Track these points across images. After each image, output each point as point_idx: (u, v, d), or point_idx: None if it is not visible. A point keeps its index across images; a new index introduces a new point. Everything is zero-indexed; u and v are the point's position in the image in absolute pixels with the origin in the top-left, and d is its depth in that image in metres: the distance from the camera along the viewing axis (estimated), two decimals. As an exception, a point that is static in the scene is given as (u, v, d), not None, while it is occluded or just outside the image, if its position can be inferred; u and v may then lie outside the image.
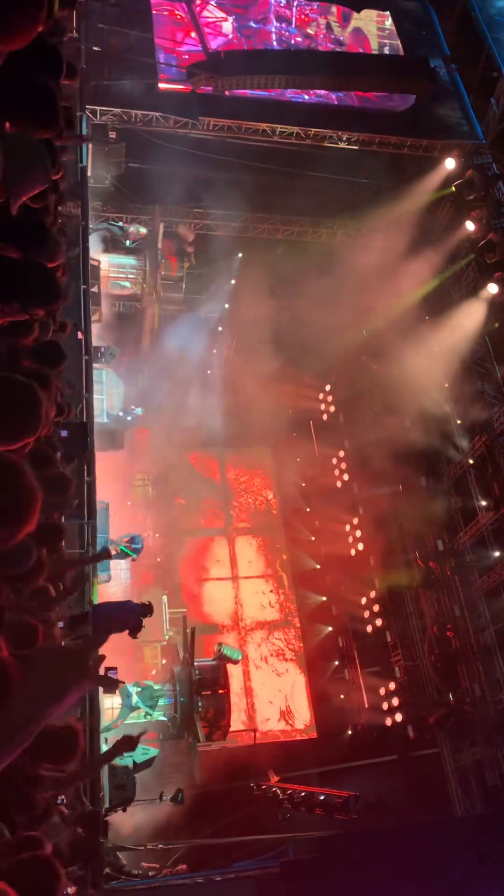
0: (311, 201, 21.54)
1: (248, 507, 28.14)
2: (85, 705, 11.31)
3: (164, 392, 25.87)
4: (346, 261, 21.40)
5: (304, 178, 20.34)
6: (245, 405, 25.87)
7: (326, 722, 23.83)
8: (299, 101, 20.12)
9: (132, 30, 19.11)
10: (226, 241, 22.49)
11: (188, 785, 16.92)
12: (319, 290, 22.37)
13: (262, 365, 25.21)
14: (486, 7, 21.07)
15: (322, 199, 21.46)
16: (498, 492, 20.58)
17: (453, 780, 22.16)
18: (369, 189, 21.01)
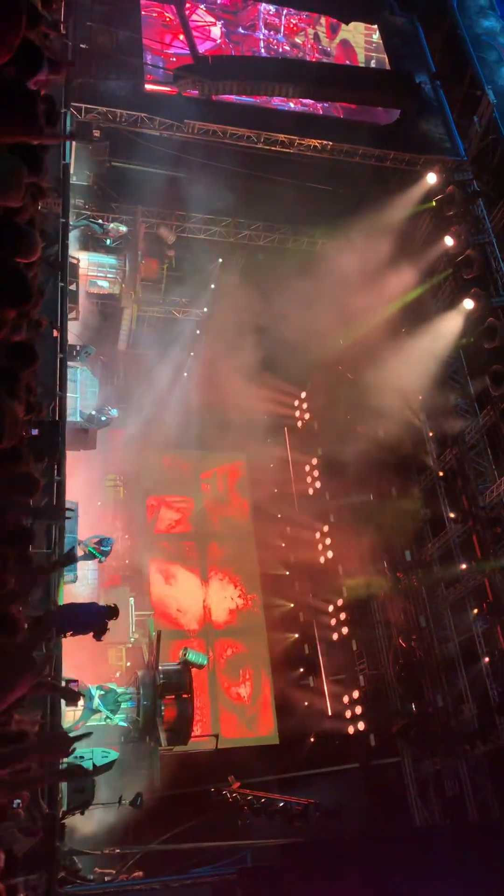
0: (293, 209, 21.60)
1: (220, 512, 28.10)
2: (46, 707, 11.20)
3: (140, 393, 25.77)
4: (325, 269, 21.47)
5: (287, 186, 20.36)
6: (220, 409, 25.86)
7: (289, 729, 23.84)
8: (285, 109, 20.22)
9: (120, 29, 19.07)
10: (207, 244, 22.46)
11: (148, 789, 16.85)
12: (298, 297, 22.45)
13: (239, 370, 25.23)
14: (473, 26, 21.37)
15: (304, 208, 21.52)
16: (466, 504, 20.79)
17: (413, 789, 22.32)
18: (352, 199, 21.12)
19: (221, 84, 18.75)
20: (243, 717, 24.37)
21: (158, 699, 16.91)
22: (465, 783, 20.49)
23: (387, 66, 22.15)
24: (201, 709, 22.37)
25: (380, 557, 24.24)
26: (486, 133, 20.04)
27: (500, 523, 19.82)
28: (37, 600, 11.41)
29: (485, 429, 20.73)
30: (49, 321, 13.31)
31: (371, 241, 20.97)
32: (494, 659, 19.68)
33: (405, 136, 20.65)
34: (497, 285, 19.17)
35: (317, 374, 26.80)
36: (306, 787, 20.62)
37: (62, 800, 12.30)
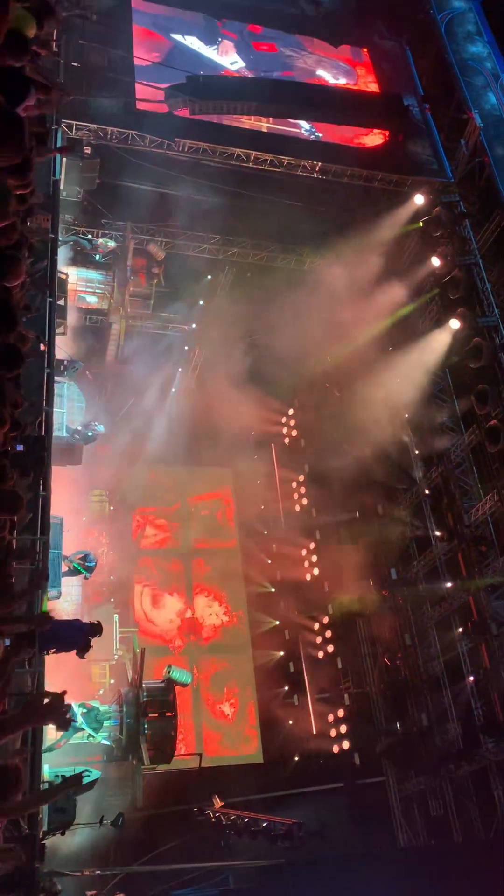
0: (281, 227, 21.77)
1: (206, 528, 28.02)
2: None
3: (127, 408, 25.76)
4: (314, 288, 21.64)
5: (277, 205, 20.55)
6: (208, 425, 25.89)
7: (273, 747, 23.69)
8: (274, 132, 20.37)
9: (112, 48, 19.23)
10: (196, 261, 22.57)
11: (130, 809, 16.65)
12: (286, 315, 22.60)
13: (227, 386, 25.27)
14: (460, 51, 21.69)
15: (292, 226, 21.69)
16: (452, 523, 20.87)
17: (397, 809, 22.23)
18: (340, 219, 21.33)
19: (212, 103, 18.90)
20: (227, 735, 24.19)
21: (142, 717, 16.76)
22: (449, 803, 20.42)
23: (376, 88, 22.44)
24: (185, 727, 22.17)
25: (366, 575, 24.21)
26: (473, 155, 20.31)
27: (485, 542, 19.87)
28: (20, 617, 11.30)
29: (470, 447, 20.85)
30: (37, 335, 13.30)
31: (359, 260, 21.17)
32: (479, 678, 19.68)
33: (393, 158, 20.88)
34: (483, 305, 19.35)
35: (304, 391, 26.90)
36: (290, 806, 20.45)
37: (42, 820, 12.14)
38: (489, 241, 20.54)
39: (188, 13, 21.61)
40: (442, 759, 20.50)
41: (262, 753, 23.85)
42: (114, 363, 24.61)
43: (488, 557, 19.64)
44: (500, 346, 18.67)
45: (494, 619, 19.18)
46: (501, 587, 19.17)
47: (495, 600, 19.35)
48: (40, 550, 12.17)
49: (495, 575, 19.17)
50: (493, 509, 19.29)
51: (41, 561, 12.04)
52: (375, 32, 23.61)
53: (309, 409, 27.56)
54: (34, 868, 10.82)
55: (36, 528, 12.17)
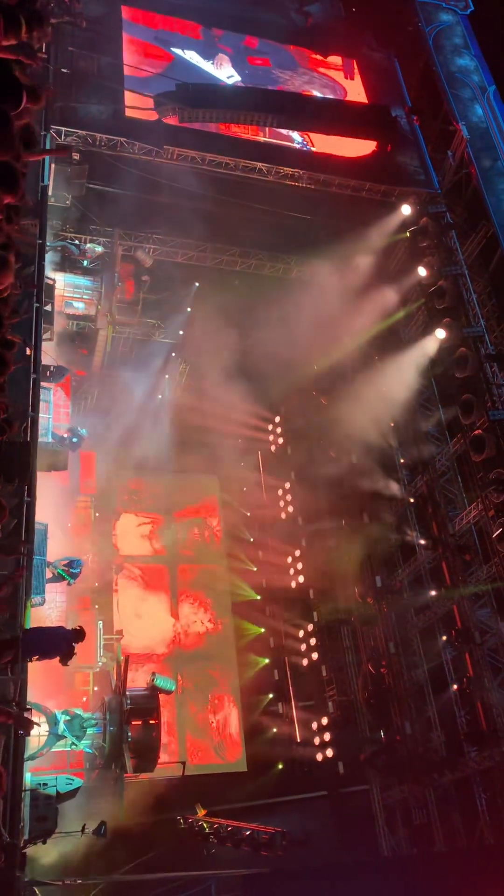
0: (270, 236, 21.86)
1: (192, 535, 27.99)
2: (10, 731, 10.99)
3: (113, 415, 25.70)
4: (301, 296, 21.72)
5: (265, 213, 20.62)
6: (194, 432, 25.89)
7: (257, 756, 23.64)
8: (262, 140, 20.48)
9: (102, 55, 19.30)
10: (184, 269, 22.59)
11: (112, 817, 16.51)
12: (274, 323, 22.65)
13: (214, 393, 25.29)
14: (448, 64, 21.95)
15: (280, 235, 21.78)
16: (437, 531, 20.96)
17: (380, 817, 22.22)
18: (328, 228, 21.43)
19: (201, 112, 18.99)
20: (211, 743, 24.12)
21: (125, 725, 16.68)
22: (432, 812, 20.43)
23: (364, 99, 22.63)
24: (169, 735, 22.10)
25: (350, 583, 24.25)
26: (460, 167, 20.55)
27: (469, 550, 19.98)
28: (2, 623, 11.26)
29: (455, 456, 20.97)
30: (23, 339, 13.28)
31: (346, 269, 21.28)
32: (463, 686, 19.69)
33: (381, 169, 21.05)
34: (469, 316, 19.49)
35: (291, 399, 26.96)
36: (274, 814, 20.41)
37: (24, 828, 12.05)
38: (475, 252, 20.76)
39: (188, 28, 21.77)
40: (425, 768, 20.52)
41: (245, 761, 23.79)
42: (100, 369, 24.55)
43: (472, 566, 19.74)
44: (486, 357, 18.82)
45: (478, 628, 19.27)
46: (485, 596, 19.27)
47: (479, 609, 19.45)
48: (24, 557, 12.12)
49: (479, 583, 19.28)
50: (478, 518, 19.40)
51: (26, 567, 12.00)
52: (365, 44, 23.85)
53: (295, 417, 27.64)
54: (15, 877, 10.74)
55: (20, 533, 12.13)
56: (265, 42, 22.83)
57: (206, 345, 24.71)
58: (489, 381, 18.52)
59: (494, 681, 18.65)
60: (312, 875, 15.50)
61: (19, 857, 11.11)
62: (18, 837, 11.16)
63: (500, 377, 18.76)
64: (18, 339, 12.70)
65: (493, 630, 19.01)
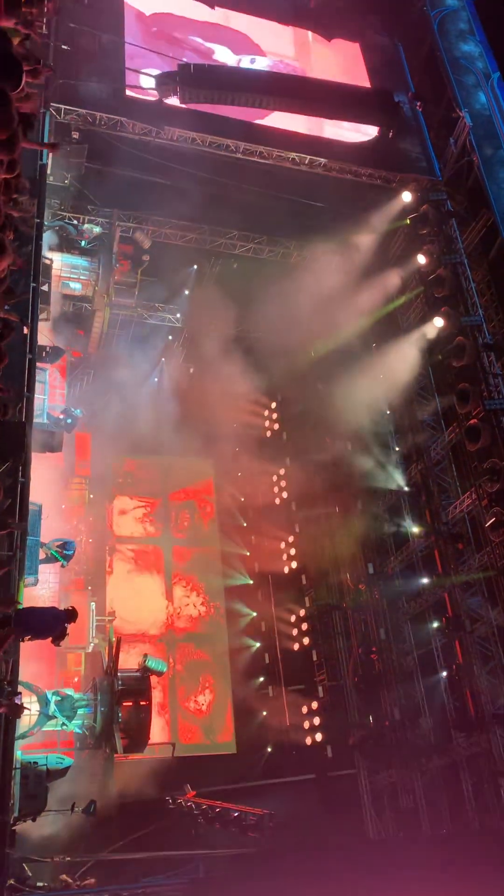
0: (269, 220, 21.73)
1: (186, 518, 28.05)
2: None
3: (109, 396, 25.64)
4: (299, 281, 21.65)
5: (265, 197, 20.49)
6: (190, 416, 25.85)
7: (247, 738, 23.85)
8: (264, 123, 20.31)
9: (103, 32, 19.05)
10: (182, 251, 22.46)
11: (102, 796, 16.66)
12: (272, 307, 22.59)
13: (210, 377, 25.26)
14: (452, 49, 21.73)
15: (280, 219, 21.65)
16: (430, 519, 21.04)
17: (368, 801, 22.40)
18: (328, 213, 21.31)
19: (202, 93, 18.78)
20: (202, 725, 24.29)
21: (116, 706, 16.76)
22: (419, 797, 20.63)
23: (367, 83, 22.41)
24: (159, 716, 22.23)
25: (343, 569, 24.36)
26: (462, 154, 20.40)
27: (461, 539, 20.05)
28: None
29: (450, 445, 21.00)
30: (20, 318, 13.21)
31: (345, 255, 21.22)
32: (452, 673, 19.86)
33: (382, 154, 20.88)
34: (467, 305, 19.46)
35: (287, 385, 26.89)
36: (262, 797, 20.58)
37: (13, 806, 12.14)
38: (475, 241, 20.67)
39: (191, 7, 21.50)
40: (413, 753, 20.72)
41: (235, 744, 23.99)
42: (97, 351, 24.46)
43: (465, 555, 19.83)
44: (483, 346, 18.80)
45: (469, 616, 19.39)
46: (476, 584, 19.38)
47: (470, 597, 19.56)
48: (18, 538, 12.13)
49: (471, 572, 19.38)
50: (471, 507, 19.46)
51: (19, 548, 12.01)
52: (369, 27, 23.59)
53: (292, 403, 27.60)
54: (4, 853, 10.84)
55: (14, 514, 12.13)
56: (266, 24, 22.57)
57: (203, 328, 24.64)
58: (486, 371, 18.52)
59: (483, 668, 18.79)
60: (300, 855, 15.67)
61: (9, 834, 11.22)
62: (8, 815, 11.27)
63: (496, 367, 18.77)
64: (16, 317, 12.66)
65: (483, 618, 19.13)
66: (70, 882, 15.31)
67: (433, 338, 20.47)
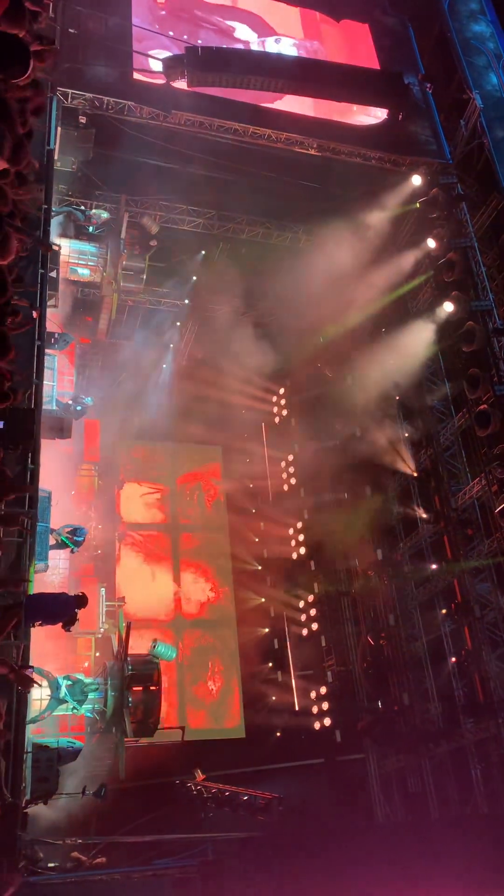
0: (277, 204, 21.61)
1: (194, 504, 28.09)
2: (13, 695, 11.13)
3: (117, 382, 25.67)
4: (308, 266, 21.49)
5: (273, 181, 20.35)
6: (198, 402, 25.85)
7: (256, 722, 23.97)
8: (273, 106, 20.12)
9: (110, 15, 18.88)
10: (190, 236, 22.36)
11: (112, 780, 16.80)
12: (280, 293, 22.50)
13: (218, 363, 25.23)
14: (463, 30, 21.44)
15: (289, 203, 21.54)
16: (439, 505, 20.99)
17: (376, 785, 22.54)
18: (336, 198, 21.13)
19: (210, 76, 18.60)
20: (211, 709, 24.44)
21: (126, 690, 16.84)
22: (427, 781, 20.73)
23: (376, 65, 22.14)
24: (169, 701, 22.37)
25: (352, 555, 24.38)
26: (472, 137, 20.15)
27: (471, 525, 20.02)
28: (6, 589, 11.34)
29: (460, 431, 20.92)
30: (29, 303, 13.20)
31: (354, 240, 21.02)
32: (461, 659, 19.89)
33: (391, 137, 20.64)
34: (477, 289, 19.28)
35: (296, 371, 26.85)
36: (271, 781, 20.71)
37: (25, 788, 12.26)
38: (485, 225, 20.49)
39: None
40: (422, 738, 20.79)
41: (244, 728, 24.14)
42: (105, 337, 24.44)
43: (474, 541, 19.80)
44: (493, 331, 18.64)
45: (478, 602, 19.39)
46: (486, 570, 19.36)
47: (479, 583, 19.55)
48: (28, 524, 12.18)
49: (480, 558, 19.35)
50: (481, 493, 19.41)
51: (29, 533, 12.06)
52: (378, 7, 23.28)
53: (300, 389, 27.54)
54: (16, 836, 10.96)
55: (24, 501, 12.18)
56: (275, 4, 22.31)
57: (211, 314, 24.57)
58: (496, 356, 18.38)
59: (492, 654, 18.82)
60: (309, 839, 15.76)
61: (21, 817, 11.34)
62: (20, 797, 11.39)
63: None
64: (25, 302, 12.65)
65: (492, 604, 19.13)
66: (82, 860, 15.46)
67: (443, 322, 20.32)
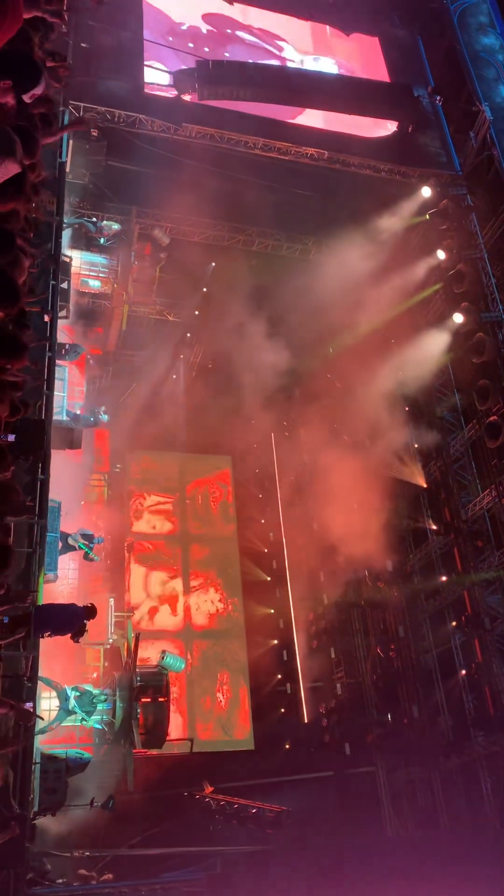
0: (287, 216, 21.67)
1: (204, 515, 28.07)
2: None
3: (127, 393, 25.74)
4: (317, 278, 21.54)
5: (283, 193, 20.46)
6: (207, 411, 25.86)
7: (264, 735, 23.84)
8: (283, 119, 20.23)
9: (122, 29, 19.08)
10: (200, 248, 22.46)
11: (120, 791, 16.76)
12: (290, 304, 22.52)
13: (228, 373, 25.24)
14: (472, 43, 21.53)
15: (299, 215, 21.60)
16: (449, 517, 20.92)
17: (386, 799, 22.33)
18: (346, 209, 21.21)
19: (220, 89, 18.75)
20: (219, 721, 24.32)
21: (135, 701, 16.83)
22: (437, 794, 20.57)
23: (386, 78, 22.26)
24: (177, 712, 22.32)
25: (361, 566, 24.26)
26: (482, 149, 20.21)
27: (481, 537, 19.94)
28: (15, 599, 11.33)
29: (470, 442, 20.86)
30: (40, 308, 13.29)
31: (364, 251, 21.06)
32: (471, 672, 19.76)
33: (401, 149, 20.74)
34: (487, 300, 19.29)
35: (305, 381, 26.83)
36: (280, 793, 20.59)
37: (33, 800, 12.23)
38: (495, 236, 20.49)
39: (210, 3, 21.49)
40: (432, 752, 20.64)
41: (253, 740, 23.99)
42: (115, 348, 24.55)
43: (484, 553, 19.71)
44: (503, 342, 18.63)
45: (488, 614, 19.28)
46: (496, 582, 19.25)
47: (489, 595, 19.44)
48: (37, 533, 12.21)
49: (490, 570, 19.25)
50: (491, 505, 19.33)
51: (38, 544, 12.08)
52: (387, 20, 23.42)
53: (310, 399, 27.50)
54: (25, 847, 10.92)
55: (34, 511, 12.20)
56: (285, 18, 22.48)
57: (221, 325, 24.62)
58: (506, 367, 18.36)
59: (503, 667, 18.68)
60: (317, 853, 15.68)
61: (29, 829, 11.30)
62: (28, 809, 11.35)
63: (517, 363, 18.59)
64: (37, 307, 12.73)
65: (502, 616, 19.02)
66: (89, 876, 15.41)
67: (453, 333, 20.31)
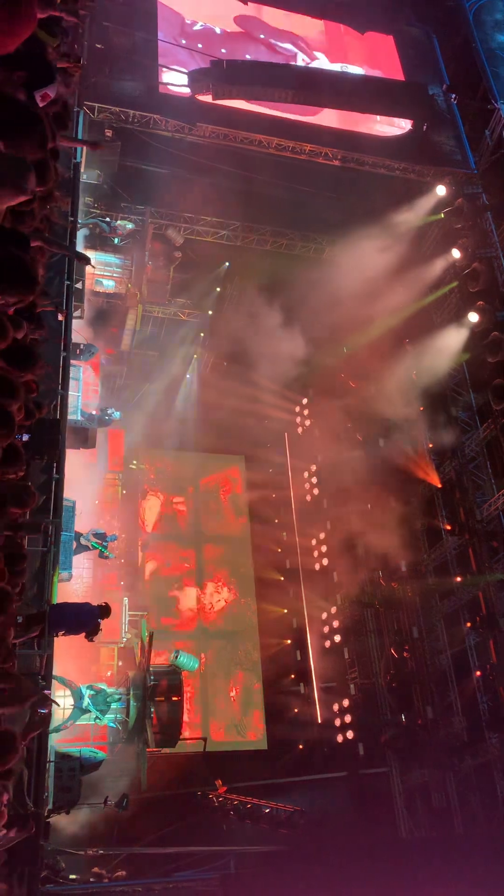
0: (301, 215, 21.65)
1: (217, 515, 28.11)
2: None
3: (141, 393, 25.81)
4: (332, 277, 21.47)
5: (297, 193, 20.46)
6: (221, 412, 25.88)
7: (278, 735, 23.83)
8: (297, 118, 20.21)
9: (137, 30, 19.12)
10: (214, 248, 22.48)
11: (134, 790, 16.82)
12: (304, 303, 22.46)
13: (242, 373, 25.24)
14: (487, 40, 21.42)
15: (313, 214, 21.56)
16: (463, 517, 20.77)
17: (400, 800, 22.25)
18: (361, 208, 21.15)
19: (235, 89, 18.75)
20: (233, 721, 24.35)
21: (148, 701, 16.90)
22: (452, 796, 20.47)
23: (401, 76, 22.17)
24: (191, 711, 22.35)
25: (375, 567, 24.18)
26: (497, 147, 20.06)
27: (496, 537, 19.81)
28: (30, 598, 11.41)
29: (485, 442, 20.72)
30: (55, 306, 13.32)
31: (378, 250, 20.99)
32: (486, 673, 19.64)
33: (416, 148, 20.66)
34: (502, 300, 19.17)
35: (319, 381, 26.79)
36: (293, 794, 20.59)
37: (48, 798, 12.30)
38: (511, 235, 20.35)
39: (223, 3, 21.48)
40: (446, 752, 20.54)
41: (266, 740, 24.00)
42: (129, 348, 24.61)
43: (499, 553, 19.58)
44: (519, 342, 18.51)
45: (503, 615, 19.15)
46: (511, 583, 19.13)
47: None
48: (52, 532, 12.26)
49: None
50: (506, 505, 19.20)
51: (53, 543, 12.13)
52: (402, 19, 23.32)
53: (323, 400, 27.46)
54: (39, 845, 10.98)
55: (48, 510, 12.26)
56: (298, 17, 22.44)
57: (235, 324, 24.62)
58: (522, 367, 18.24)
59: (518, 668, 18.56)
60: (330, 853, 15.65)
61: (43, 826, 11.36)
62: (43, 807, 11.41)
63: (533, 363, 18.46)
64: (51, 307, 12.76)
65: (518, 618, 18.90)
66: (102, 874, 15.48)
67: (468, 333, 20.21)
